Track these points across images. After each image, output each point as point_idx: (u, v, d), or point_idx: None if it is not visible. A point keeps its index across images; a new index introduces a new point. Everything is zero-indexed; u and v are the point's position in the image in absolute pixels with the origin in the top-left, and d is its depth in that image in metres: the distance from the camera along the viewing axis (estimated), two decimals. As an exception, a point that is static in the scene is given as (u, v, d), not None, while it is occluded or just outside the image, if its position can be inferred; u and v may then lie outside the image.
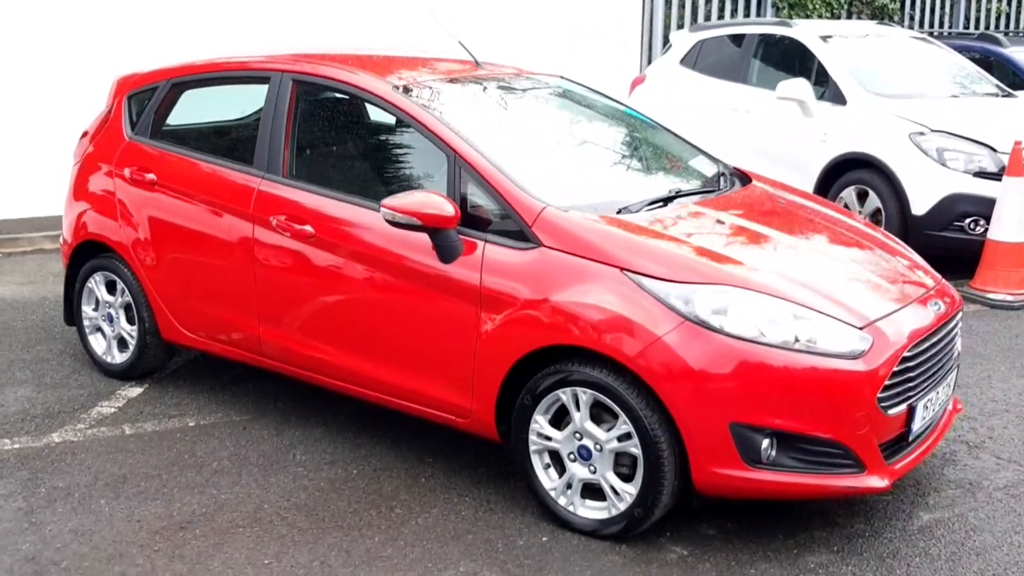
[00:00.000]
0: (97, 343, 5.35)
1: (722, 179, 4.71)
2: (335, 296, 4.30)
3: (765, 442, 3.50)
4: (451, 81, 4.60)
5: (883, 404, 3.56)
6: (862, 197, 7.79)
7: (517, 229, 3.85)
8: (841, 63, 8.22)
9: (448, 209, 3.85)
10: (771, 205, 4.45)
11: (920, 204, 7.39)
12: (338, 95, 4.53)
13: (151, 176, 4.93)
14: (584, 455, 3.75)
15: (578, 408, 3.72)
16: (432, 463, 4.40)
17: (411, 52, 5.23)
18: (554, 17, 10.95)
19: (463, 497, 4.10)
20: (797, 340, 3.51)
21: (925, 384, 3.77)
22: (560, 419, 3.81)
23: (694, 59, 9.61)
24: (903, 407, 3.65)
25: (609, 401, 3.63)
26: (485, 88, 4.61)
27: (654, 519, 3.67)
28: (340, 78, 4.48)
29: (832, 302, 3.63)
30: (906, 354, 3.62)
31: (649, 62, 11.70)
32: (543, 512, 3.91)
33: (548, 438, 3.82)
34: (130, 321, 5.17)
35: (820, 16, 13.79)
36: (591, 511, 3.78)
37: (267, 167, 4.54)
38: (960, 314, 4.14)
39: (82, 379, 5.32)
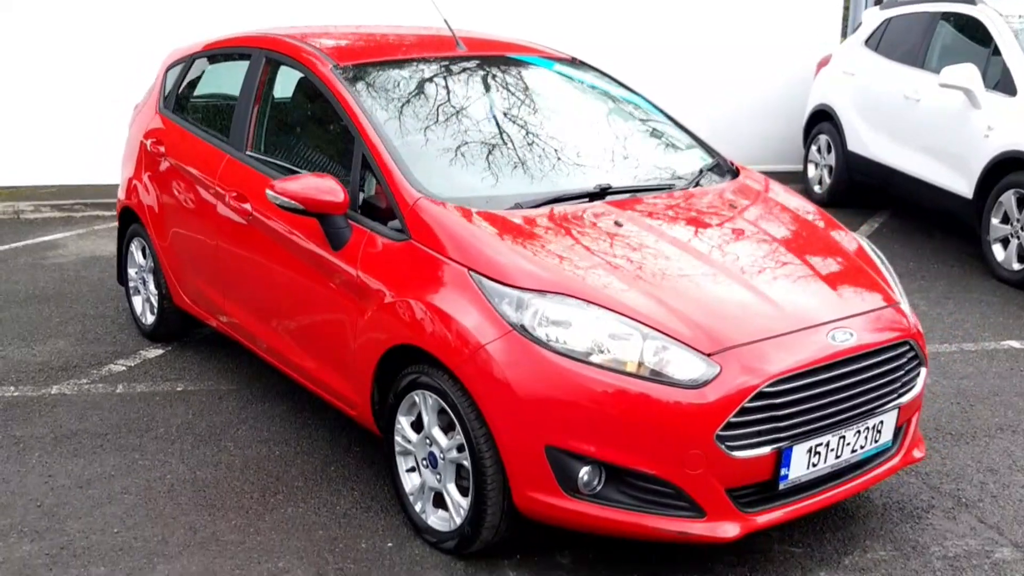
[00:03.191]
0: (136, 304, 5.68)
1: (699, 175, 4.24)
2: (266, 276, 4.30)
3: (584, 470, 3.14)
4: (407, 60, 4.43)
5: (727, 444, 3.08)
6: (1022, 204, 6.76)
7: (399, 219, 3.68)
8: (1018, 46, 7.13)
9: (336, 195, 3.73)
10: (713, 210, 3.94)
11: (1080, 214, 6.33)
12: (293, 72, 4.47)
13: (162, 148, 5.15)
14: (432, 462, 3.54)
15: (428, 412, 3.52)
16: (358, 452, 4.31)
17: (403, 28, 5.07)
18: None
19: (352, 491, 3.99)
20: (641, 364, 3.11)
21: (812, 426, 3.22)
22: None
23: (878, 39, 8.71)
24: (765, 450, 3.14)
25: (448, 408, 3.39)
26: (442, 68, 4.40)
27: (484, 539, 3.39)
28: (291, 53, 4.45)
29: (686, 323, 3.18)
30: (768, 389, 3.10)
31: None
32: (406, 517, 3.73)
33: (409, 440, 3.64)
34: (156, 286, 5.43)
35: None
36: (439, 521, 3.57)
37: (235, 143, 4.61)
38: (906, 348, 3.49)
39: (119, 337, 5.66)
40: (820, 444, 3.26)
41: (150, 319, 5.54)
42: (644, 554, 3.52)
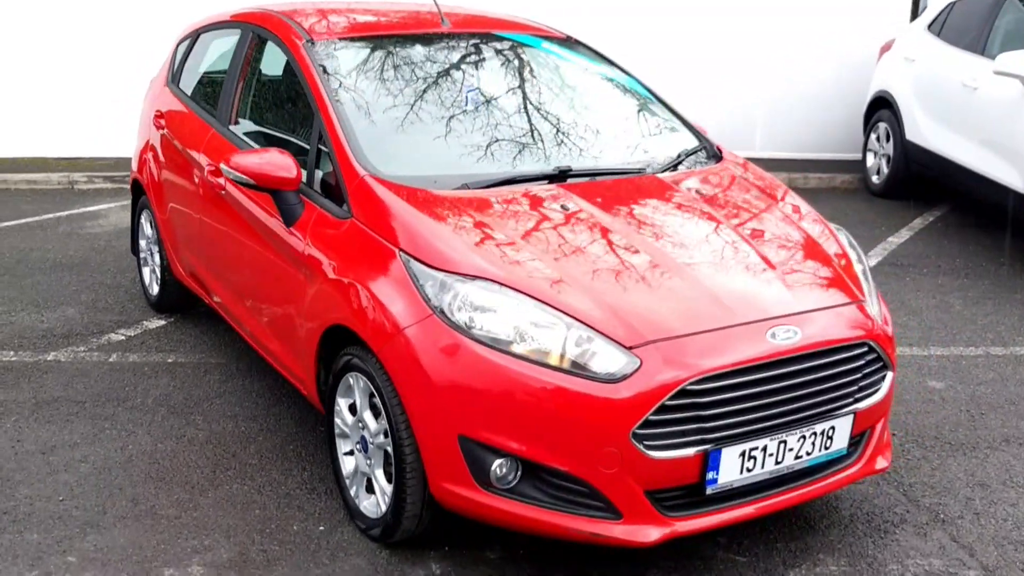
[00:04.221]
0: (145, 275, 5.73)
1: (676, 159, 4.05)
2: (236, 251, 4.28)
3: (497, 463, 3.01)
4: (385, 36, 4.32)
5: (646, 443, 2.91)
6: (1078, 200, 6.34)
7: (344, 197, 3.60)
8: (1084, 33, 6.68)
9: (290, 171, 3.67)
10: (679, 197, 3.72)
11: None
12: (273, 46, 4.41)
13: (163, 122, 5.17)
14: (364, 447, 3.46)
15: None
16: (322, 432, 4.25)
17: (397, 5, 4.96)
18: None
19: (303, 472, 3.94)
20: (563, 356, 2.96)
21: (745, 428, 3.02)
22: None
23: (941, 24, 8.28)
24: (688, 451, 2.96)
25: (375, 392, 3.30)
26: (419, 46, 4.28)
27: (406, 529, 3.29)
28: (271, 28, 4.40)
29: (611, 313, 3.02)
30: (693, 387, 2.92)
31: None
32: (344, 501, 3.66)
33: (346, 423, 3.56)
34: (160, 258, 5.46)
35: None
36: (369, 507, 3.48)
37: (221, 118, 4.59)
38: (865, 349, 3.25)
39: (128, 307, 5.72)
40: (755, 448, 3.06)
41: (156, 290, 5.58)
42: (574, 553, 3.38)
